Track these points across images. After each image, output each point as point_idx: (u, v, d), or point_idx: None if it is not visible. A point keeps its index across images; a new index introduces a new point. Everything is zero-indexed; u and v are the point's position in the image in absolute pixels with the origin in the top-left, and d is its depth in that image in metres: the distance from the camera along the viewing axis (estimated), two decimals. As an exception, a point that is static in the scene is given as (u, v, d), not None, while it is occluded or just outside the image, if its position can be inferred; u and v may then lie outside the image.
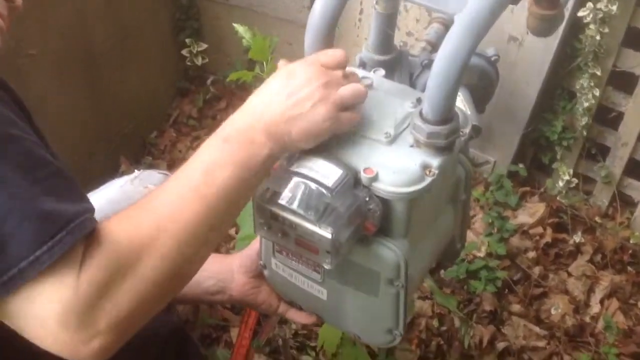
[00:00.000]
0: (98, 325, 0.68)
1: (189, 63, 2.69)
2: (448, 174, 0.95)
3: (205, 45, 2.67)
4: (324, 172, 0.84)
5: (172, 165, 2.55)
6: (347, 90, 0.85)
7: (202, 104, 2.74)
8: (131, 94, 2.52)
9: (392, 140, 0.88)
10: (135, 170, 1.49)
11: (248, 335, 1.66)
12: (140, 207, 0.76)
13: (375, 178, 0.85)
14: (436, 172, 0.86)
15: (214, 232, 0.79)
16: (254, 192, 0.84)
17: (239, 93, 2.72)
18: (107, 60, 2.34)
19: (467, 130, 0.92)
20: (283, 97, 0.82)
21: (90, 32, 2.24)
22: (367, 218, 0.86)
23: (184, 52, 2.66)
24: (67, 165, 0.82)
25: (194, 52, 2.66)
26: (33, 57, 1.96)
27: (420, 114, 0.85)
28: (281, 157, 0.87)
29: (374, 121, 0.90)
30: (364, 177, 0.85)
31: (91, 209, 0.73)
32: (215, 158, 0.79)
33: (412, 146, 0.88)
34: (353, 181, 0.85)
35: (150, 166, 2.53)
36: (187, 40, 2.65)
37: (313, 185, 0.83)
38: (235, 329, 1.93)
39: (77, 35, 2.18)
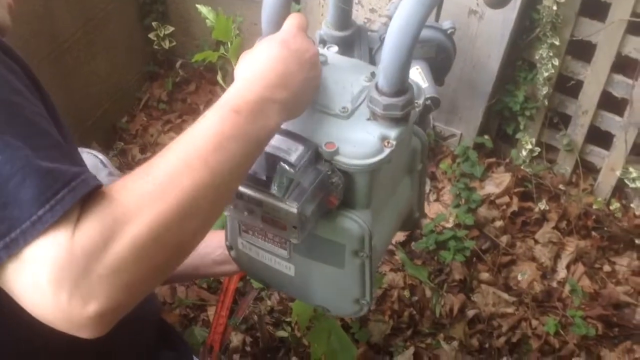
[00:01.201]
0: (93, 289, 0.65)
1: (156, 47, 2.69)
2: (404, 145, 0.98)
3: (171, 29, 2.66)
4: (286, 148, 0.85)
5: (145, 149, 2.55)
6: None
7: (172, 87, 2.74)
8: (100, 79, 2.52)
9: (350, 114, 0.90)
10: None
11: (225, 314, 1.68)
12: (142, 172, 0.72)
13: (336, 152, 0.87)
14: (394, 143, 0.88)
15: (218, 201, 0.75)
16: (253, 163, 0.82)
17: (207, 75, 2.73)
18: (74, 46, 2.33)
19: (421, 101, 0.95)
20: (288, 67, 0.83)
21: (56, 19, 2.23)
22: (330, 191, 0.88)
23: (151, 35, 2.66)
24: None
25: (161, 35, 2.66)
26: (-1, 43, 1.95)
27: (376, 86, 0.88)
28: None
29: (331, 97, 0.92)
30: (325, 151, 0.87)
31: (90, 173, 0.70)
32: (225, 129, 0.75)
33: (369, 119, 0.90)
34: (315, 156, 0.87)
35: (122, 151, 2.54)
36: (154, 24, 2.64)
37: (277, 163, 0.85)
38: (212, 308, 1.95)
39: (42, 22, 2.17)
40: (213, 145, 0.74)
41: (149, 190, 0.70)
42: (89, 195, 0.68)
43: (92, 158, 1.46)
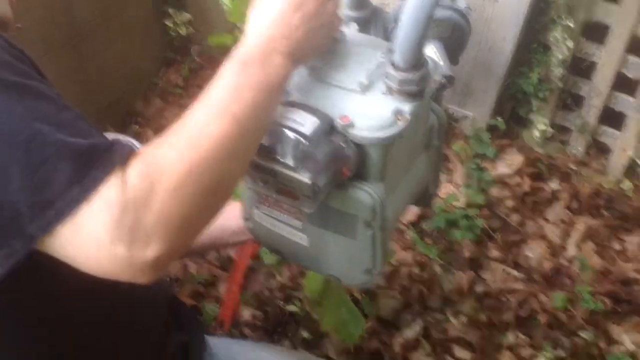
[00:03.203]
0: (148, 235, 0.71)
1: (172, 33, 2.70)
2: (420, 120, 1.00)
3: (188, 16, 2.68)
4: (301, 120, 0.88)
5: (159, 132, 2.51)
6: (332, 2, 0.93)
7: (188, 73, 2.76)
8: (116, 63, 2.53)
9: (366, 89, 0.92)
10: None
11: (236, 290, 1.71)
12: (174, 130, 0.78)
13: (350, 125, 0.89)
14: (408, 117, 0.90)
15: (248, 149, 0.83)
16: (276, 108, 0.87)
17: (224, 60, 2.72)
18: (92, 32, 2.35)
19: (437, 77, 0.97)
20: (290, 13, 0.86)
21: (73, 6, 2.25)
22: (344, 163, 0.91)
23: (168, 22, 2.67)
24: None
25: (177, 22, 2.67)
26: (20, 30, 1.97)
27: (392, 62, 0.89)
28: None
29: (347, 72, 0.94)
30: (339, 124, 0.89)
31: (121, 141, 0.77)
32: (239, 81, 0.81)
33: (384, 94, 0.92)
34: (329, 129, 0.89)
35: (137, 134, 2.56)
36: (170, 11, 2.66)
37: (291, 134, 0.87)
38: (223, 284, 1.98)
39: (60, 7, 2.19)
40: (233, 96, 0.80)
41: (183, 141, 0.76)
42: (130, 156, 0.74)
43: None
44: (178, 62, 2.81)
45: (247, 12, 1.55)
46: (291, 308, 1.98)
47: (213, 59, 2.74)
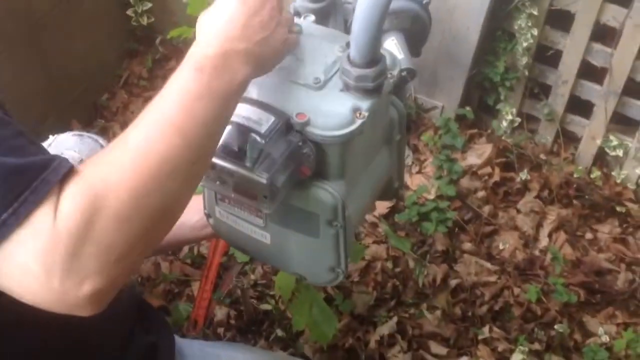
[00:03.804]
0: (84, 268, 0.65)
1: (134, 23, 2.66)
2: (379, 115, 0.98)
3: (149, 4, 2.64)
4: (256, 119, 0.86)
5: (125, 126, 2.48)
6: (289, 13, 0.90)
7: (152, 64, 2.73)
8: (79, 56, 2.49)
9: (323, 85, 0.91)
10: (50, 136, 1.44)
11: (209, 288, 1.69)
12: (115, 146, 0.72)
13: (307, 123, 0.87)
14: (366, 114, 0.89)
15: (196, 165, 0.75)
16: (229, 120, 0.82)
17: (187, 52, 2.70)
18: (51, 23, 2.30)
19: (395, 72, 0.95)
20: (248, 18, 0.81)
21: (31, -4, 2.21)
22: (302, 162, 0.89)
23: (129, 12, 2.64)
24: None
25: (139, 11, 2.63)
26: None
27: (348, 57, 0.88)
28: None
29: (304, 67, 0.92)
30: (296, 122, 0.87)
31: (58, 158, 0.70)
32: (190, 89, 0.75)
33: (342, 90, 0.90)
34: (286, 127, 0.87)
35: (103, 129, 2.52)
36: (131, 0, 2.62)
37: (247, 133, 0.86)
38: (196, 283, 1.96)
39: (17, 0, 2.14)
40: (181, 107, 0.73)
41: (125, 159, 0.70)
42: (65, 178, 0.68)
43: (92, 142, 1.44)
44: (141, 53, 2.77)
45: (205, 4, 1.54)
46: (265, 306, 1.97)
47: (177, 49, 2.71)
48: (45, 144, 1.41)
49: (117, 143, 0.73)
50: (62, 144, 1.39)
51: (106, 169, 0.70)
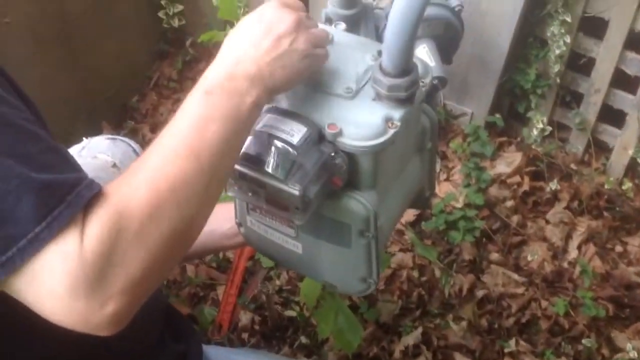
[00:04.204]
0: (108, 289, 0.67)
1: (165, 25, 2.67)
2: (411, 124, 0.97)
3: (180, 7, 2.65)
4: (288, 130, 0.85)
5: (155, 128, 2.55)
6: (317, 28, 0.88)
7: (182, 66, 2.73)
8: (110, 58, 2.51)
9: (354, 94, 0.90)
10: (84, 138, 1.46)
11: (234, 293, 1.69)
12: (135, 169, 0.74)
13: (339, 133, 0.86)
14: (399, 124, 0.87)
15: (212, 186, 0.77)
16: (245, 141, 0.82)
17: (217, 53, 2.71)
18: (83, 25, 2.32)
19: (427, 80, 0.94)
20: (260, 39, 0.81)
21: (65, -2, 2.22)
22: (334, 173, 0.88)
23: (160, 14, 2.65)
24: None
25: (170, 14, 2.65)
26: (8, 25, 1.95)
27: (380, 67, 0.87)
28: None
29: (335, 76, 0.91)
30: (328, 133, 0.86)
31: (87, 178, 0.72)
32: (201, 112, 0.76)
33: (374, 99, 0.89)
34: (318, 137, 0.86)
35: (132, 130, 2.54)
36: (163, 2, 2.63)
37: (279, 144, 0.85)
38: (222, 287, 1.96)
39: (51, 1, 2.16)
40: (194, 130, 0.75)
41: (143, 181, 0.72)
42: (91, 200, 0.69)
43: (124, 146, 1.45)
44: (172, 55, 2.78)
45: (235, 8, 1.54)
46: (289, 313, 1.96)
47: (207, 51, 2.72)
48: (78, 147, 1.42)
49: (138, 164, 0.74)
50: (95, 148, 1.40)
51: (127, 191, 0.71)
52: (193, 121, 0.76)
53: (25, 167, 0.67)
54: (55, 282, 0.65)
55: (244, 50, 0.81)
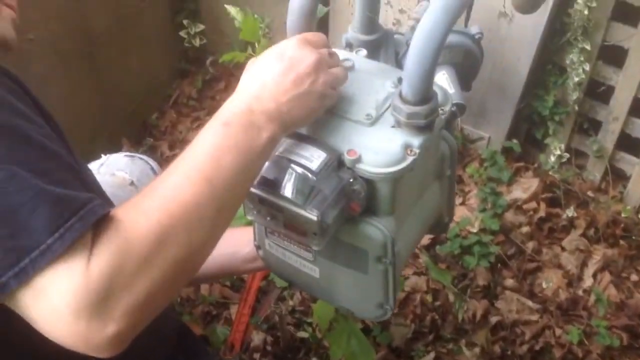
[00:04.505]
0: (111, 312, 0.67)
1: (187, 44, 2.70)
2: (431, 151, 0.97)
3: (202, 27, 2.68)
4: (308, 155, 0.86)
5: (173, 145, 2.57)
6: (337, 69, 0.90)
7: (202, 84, 2.76)
8: (131, 75, 2.54)
9: (374, 121, 0.90)
10: (102, 155, 1.47)
11: (247, 312, 1.69)
12: (147, 193, 0.75)
13: (358, 160, 0.87)
14: (417, 151, 0.88)
15: (222, 215, 0.78)
16: (259, 173, 0.84)
17: (237, 74, 2.73)
18: (106, 42, 2.35)
19: (447, 108, 0.94)
20: (280, 76, 0.83)
21: (88, 15, 2.25)
22: (352, 199, 0.89)
23: (182, 33, 2.68)
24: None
25: (192, 33, 2.68)
26: (32, 42, 1.98)
27: (400, 94, 0.87)
28: None
29: (355, 103, 0.92)
30: (347, 159, 0.87)
31: (99, 199, 0.72)
32: (217, 142, 0.78)
33: (393, 126, 0.90)
34: (337, 163, 0.87)
35: (151, 147, 2.56)
36: (185, 22, 2.66)
37: (298, 169, 0.85)
38: (235, 306, 1.96)
39: (74, 18, 2.19)
40: (209, 159, 0.76)
41: (155, 207, 0.72)
42: (100, 221, 0.70)
43: (143, 164, 1.46)
44: (192, 73, 2.81)
45: (257, 30, 1.55)
46: (302, 334, 1.95)
47: (227, 70, 2.75)
48: (97, 163, 1.43)
49: (149, 189, 0.75)
50: (113, 165, 1.41)
51: (136, 214, 0.72)
52: (209, 150, 0.77)
53: (40, 180, 0.68)
54: (59, 299, 0.66)
55: (264, 87, 0.83)
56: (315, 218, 0.84)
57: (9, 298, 0.68)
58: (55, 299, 0.66)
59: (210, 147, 0.78)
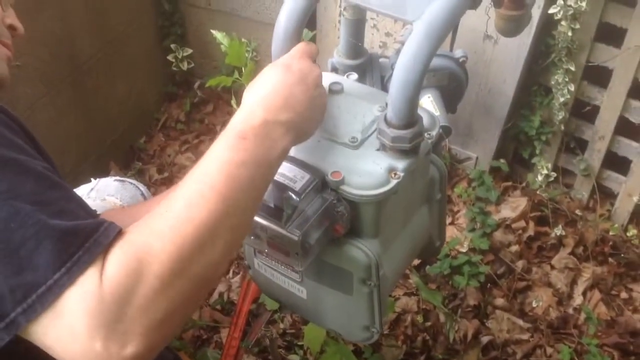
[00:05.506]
0: (128, 332, 0.66)
1: (175, 68, 2.72)
2: (417, 175, 0.98)
3: (190, 51, 2.70)
4: (292, 176, 0.87)
5: (162, 169, 2.57)
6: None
7: (190, 107, 2.77)
8: (119, 99, 2.55)
9: (359, 144, 0.92)
10: (92, 179, 1.46)
11: (237, 336, 1.69)
12: (161, 208, 0.74)
13: (342, 181, 0.88)
14: (402, 175, 0.89)
15: (236, 228, 0.77)
16: (269, 185, 0.83)
17: (225, 96, 2.75)
18: (93, 67, 2.37)
19: (434, 132, 0.96)
20: (291, 87, 0.84)
21: (75, 41, 2.27)
22: (336, 220, 0.89)
23: (170, 57, 2.69)
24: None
25: (179, 57, 2.69)
26: (19, 68, 1.99)
27: (385, 118, 0.88)
28: None
29: (341, 126, 0.93)
30: (331, 180, 0.88)
31: (105, 223, 0.72)
32: (233, 157, 0.77)
33: (378, 150, 0.91)
34: (321, 185, 0.88)
35: (140, 171, 2.56)
36: (172, 46, 2.68)
37: (281, 190, 0.86)
38: (225, 329, 1.95)
39: (61, 44, 2.21)
40: (224, 174, 0.75)
41: (168, 226, 0.72)
42: (113, 242, 0.70)
43: (133, 189, 1.46)
44: (180, 97, 2.82)
45: (243, 54, 1.57)
46: (293, 357, 1.95)
47: (214, 94, 2.76)
48: (87, 187, 1.43)
49: (160, 209, 0.74)
50: (104, 190, 1.41)
51: (149, 234, 0.71)
52: (223, 166, 0.76)
53: (43, 214, 0.68)
54: (74, 321, 0.66)
55: (276, 98, 0.83)
56: (296, 238, 0.84)
57: (23, 332, 0.68)
58: (69, 322, 0.66)
59: (225, 162, 0.76)
